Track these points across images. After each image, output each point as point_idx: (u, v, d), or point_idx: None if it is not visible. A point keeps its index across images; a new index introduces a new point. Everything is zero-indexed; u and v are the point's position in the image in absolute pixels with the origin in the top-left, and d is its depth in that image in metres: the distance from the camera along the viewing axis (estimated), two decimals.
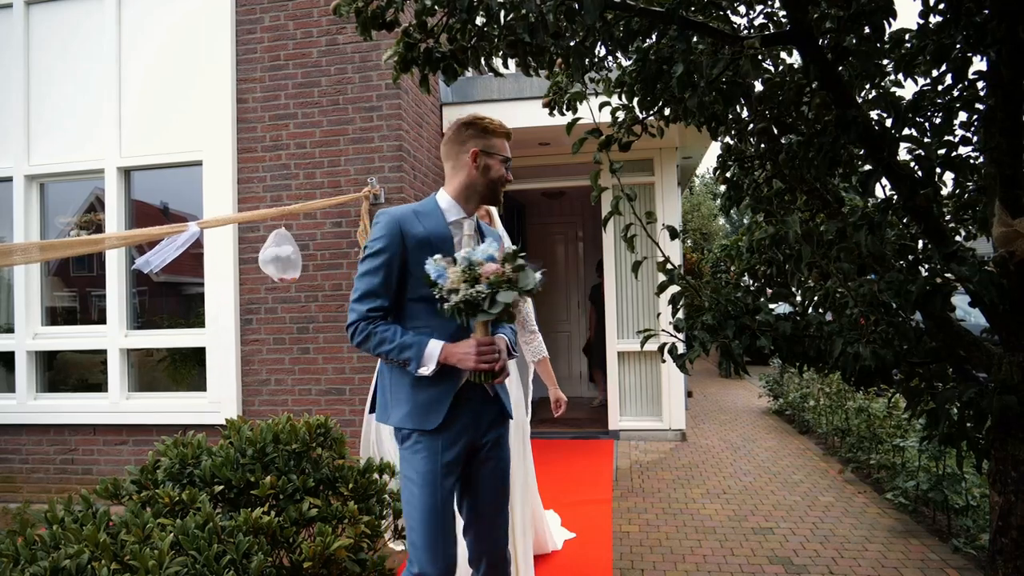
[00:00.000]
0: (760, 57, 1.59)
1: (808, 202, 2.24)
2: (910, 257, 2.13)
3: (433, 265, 1.89)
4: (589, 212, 8.83)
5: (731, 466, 5.61)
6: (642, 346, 1.83)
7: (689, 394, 8.54)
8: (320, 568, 2.57)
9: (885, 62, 1.90)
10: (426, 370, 1.96)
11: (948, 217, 2.30)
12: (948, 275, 1.80)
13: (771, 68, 1.87)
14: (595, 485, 5.05)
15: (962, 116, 2.11)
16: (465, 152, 2.10)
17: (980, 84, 1.99)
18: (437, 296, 1.90)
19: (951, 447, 2.14)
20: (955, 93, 2.01)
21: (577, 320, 9.32)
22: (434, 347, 1.97)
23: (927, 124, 1.84)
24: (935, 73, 1.96)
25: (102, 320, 5.02)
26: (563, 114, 2.71)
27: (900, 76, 2.13)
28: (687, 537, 4.01)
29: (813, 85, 1.68)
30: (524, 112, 5.71)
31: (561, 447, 6.25)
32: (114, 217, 4.94)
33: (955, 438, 2.04)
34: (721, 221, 21.32)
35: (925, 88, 2.06)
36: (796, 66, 1.75)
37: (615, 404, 6.66)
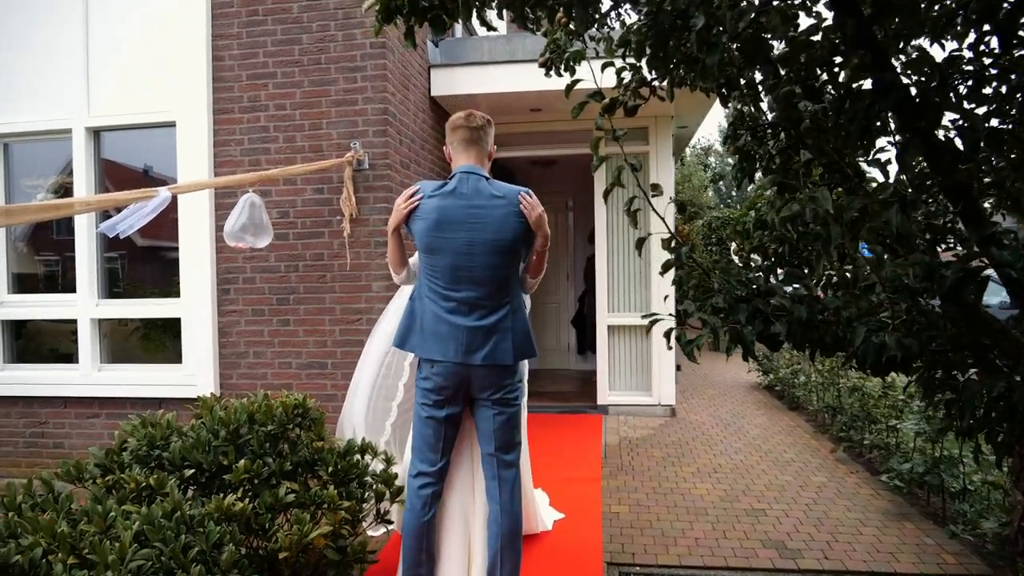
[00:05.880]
0: (791, 12, 1.41)
1: (824, 176, 2.08)
2: (934, 237, 1.98)
3: None
4: (580, 181, 8.60)
5: (721, 443, 5.53)
6: (648, 332, 1.66)
7: (678, 368, 8.45)
8: (297, 556, 2.44)
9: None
10: None
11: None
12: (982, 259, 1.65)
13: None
14: (584, 462, 4.95)
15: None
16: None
17: None
18: None
19: (969, 439, 2.01)
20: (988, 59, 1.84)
21: (566, 292, 9.17)
22: None
23: (976, 92, 1.66)
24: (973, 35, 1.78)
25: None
26: (560, 75, 2.51)
27: (924, 40, 1.95)
28: (678, 519, 3.91)
29: (842, 46, 1.50)
30: (515, 76, 5.46)
31: (548, 421, 6.13)
32: (83, 180, 4.68)
33: (974, 430, 1.91)
34: (710, 192, 21.13)
35: (955, 52, 1.88)
36: (827, 24, 1.56)
37: (604, 378, 6.55)
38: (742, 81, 2.10)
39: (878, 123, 1.47)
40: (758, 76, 2.01)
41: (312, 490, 2.65)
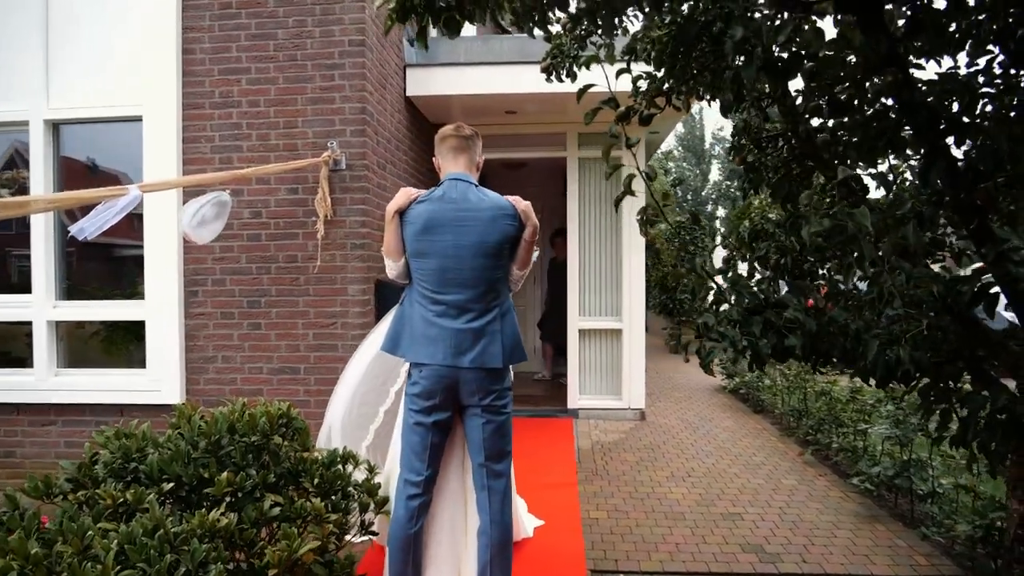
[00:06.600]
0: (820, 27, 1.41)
1: (826, 188, 2.10)
2: (933, 251, 2.01)
3: None
4: (550, 183, 8.61)
5: (692, 447, 5.58)
6: (672, 349, 1.64)
7: None
8: (284, 572, 2.34)
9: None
10: None
11: None
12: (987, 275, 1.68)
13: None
14: (558, 467, 4.93)
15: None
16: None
17: None
18: None
19: (963, 448, 2.06)
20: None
21: (533, 295, 9.16)
22: None
23: (971, 110, 1.69)
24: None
25: (25, 286, 4.53)
26: (560, 80, 2.49)
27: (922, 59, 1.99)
28: (657, 524, 3.92)
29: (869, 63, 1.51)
30: (492, 77, 5.43)
31: (518, 425, 6.03)
32: (40, 176, 4.44)
33: (970, 440, 1.95)
34: (670, 198, 21.44)
35: (951, 70, 1.92)
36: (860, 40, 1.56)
37: (575, 382, 6.55)
38: (743, 92, 2.11)
39: (901, 139, 1.49)
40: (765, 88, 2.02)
41: (297, 503, 2.56)
